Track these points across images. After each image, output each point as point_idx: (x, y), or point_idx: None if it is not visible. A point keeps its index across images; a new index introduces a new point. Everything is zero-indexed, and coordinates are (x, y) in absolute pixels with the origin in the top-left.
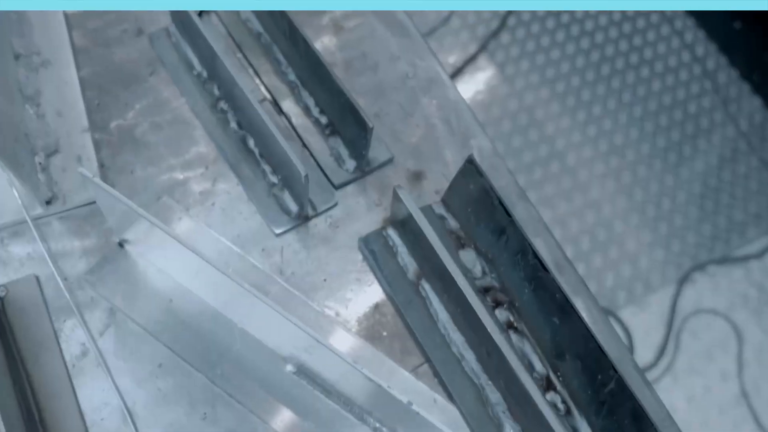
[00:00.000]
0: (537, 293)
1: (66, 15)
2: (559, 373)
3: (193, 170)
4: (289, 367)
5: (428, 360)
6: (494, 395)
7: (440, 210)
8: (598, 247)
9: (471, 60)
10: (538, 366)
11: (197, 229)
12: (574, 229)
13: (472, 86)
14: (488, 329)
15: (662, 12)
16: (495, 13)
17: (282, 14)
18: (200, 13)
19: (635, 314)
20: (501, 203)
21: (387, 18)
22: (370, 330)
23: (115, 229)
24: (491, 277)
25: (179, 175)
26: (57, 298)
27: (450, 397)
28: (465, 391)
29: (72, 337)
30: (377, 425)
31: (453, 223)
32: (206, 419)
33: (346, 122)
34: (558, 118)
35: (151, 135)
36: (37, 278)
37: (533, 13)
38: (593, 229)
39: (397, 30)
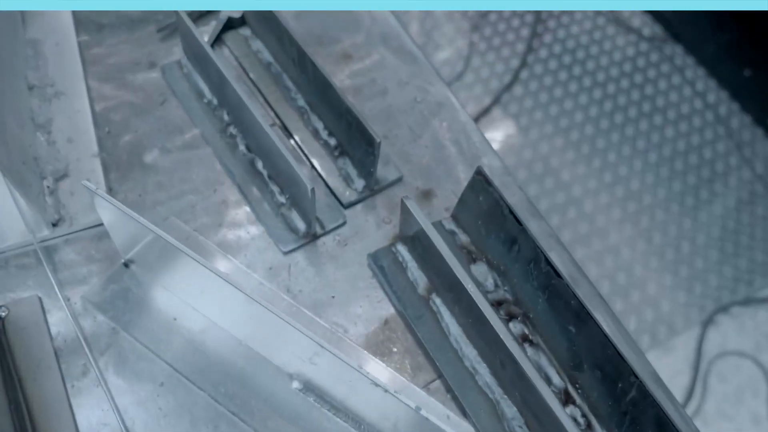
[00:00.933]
0: (551, 302)
1: (81, 50)
2: (577, 385)
3: (201, 193)
4: (296, 384)
5: (440, 376)
6: (510, 410)
7: (450, 225)
8: (619, 292)
9: (485, 112)
10: (556, 379)
11: (203, 247)
12: (594, 274)
13: (487, 137)
14: (503, 339)
15: (672, 62)
16: (507, 67)
17: (291, 41)
18: (212, 44)
19: (660, 358)
20: (511, 212)
21: (396, 47)
22: (380, 346)
23: (120, 249)
24: (504, 290)
25: (187, 198)
26: (60, 318)
27: (464, 413)
28: (479, 406)
29: (73, 357)
30: None
31: (463, 238)
32: None
33: (353, 141)
34: (573, 165)
35: (160, 160)
36: (40, 299)
37: (545, 66)
38: (613, 274)
39: (406, 58)
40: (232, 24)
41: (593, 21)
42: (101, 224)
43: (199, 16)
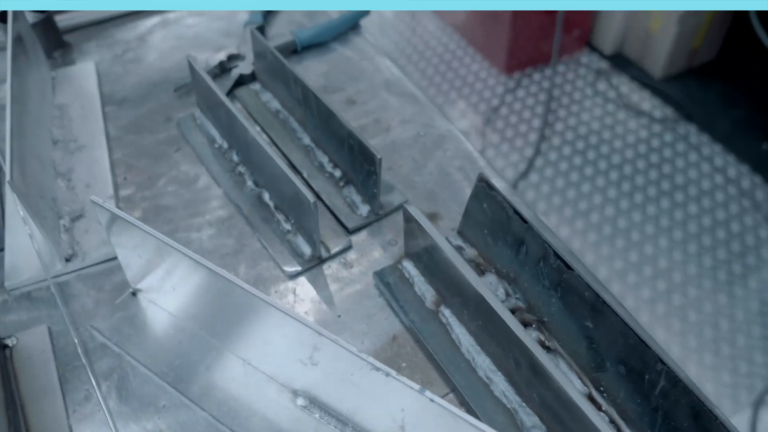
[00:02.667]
0: (565, 300)
1: (104, 110)
2: (602, 388)
3: (210, 227)
4: (300, 401)
5: (454, 389)
6: (530, 418)
7: (457, 241)
8: None
9: None
10: (578, 384)
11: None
12: None
13: None
14: (514, 331)
15: (687, 141)
16: (522, 156)
17: (296, 81)
18: (228, 93)
19: None
20: (516, 212)
21: (398, 92)
22: (389, 362)
23: (129, 276)
24: (516, 298)
25: (195, 233)
26: (67, 347)
27: None
28: (496, 416)
29: (78, 383)
30: None
31: (471, 252)
32: None
33: (356, 165)
34: (596, 247)
35: (171, 199)
36: (50, 329)
37: (559, 152)
38: None
39: (408, 99)
40: (243, 80)
41: (603, 107)
42: (113, 258)
43: (215, 76)
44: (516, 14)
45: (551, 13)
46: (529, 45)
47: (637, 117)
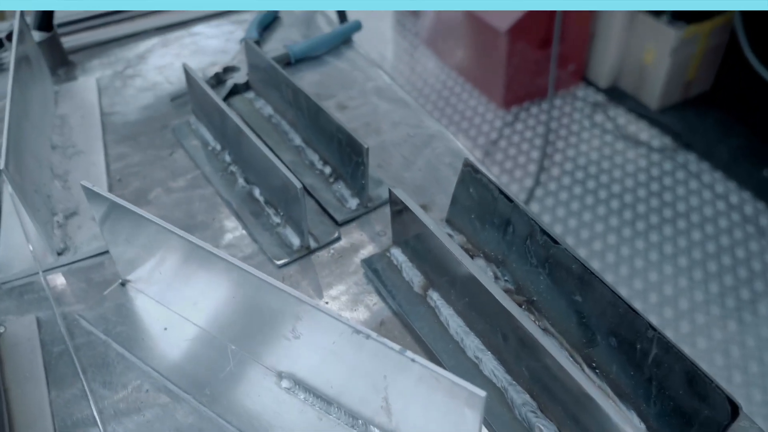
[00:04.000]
0: (553, 275)
1: (102, 120)
2: (594, 365)
3: (202, 224)
4: (285, 383)
5: None
6: (520, 396)
7: (446, 230)
8: None
9: None
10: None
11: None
12: None
13: None
14: (501, 302)
15: (687, 169)
16: (522, 186)
17: (287, 84)
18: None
19: None
20: (502, 192)
21: (389, 98)
22: None
23: (119, 265)
24: (504, 280)
25: (186, 230)
26: (54, 335)
27: None
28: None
29: (63, 369)
30: None
31: (459, 239)
32: None
33: (345, 158)
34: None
35: (164, 197)
36: (38, 319)
37: (559, 183)
38: None
39: (399, 104)
40: (237, 90)
41: (601, 138)
42: (104, 252)
43: (211, 87)
44: (511, 50)
45: (546, 49)
46: (525, 80)
47: (635, 147)
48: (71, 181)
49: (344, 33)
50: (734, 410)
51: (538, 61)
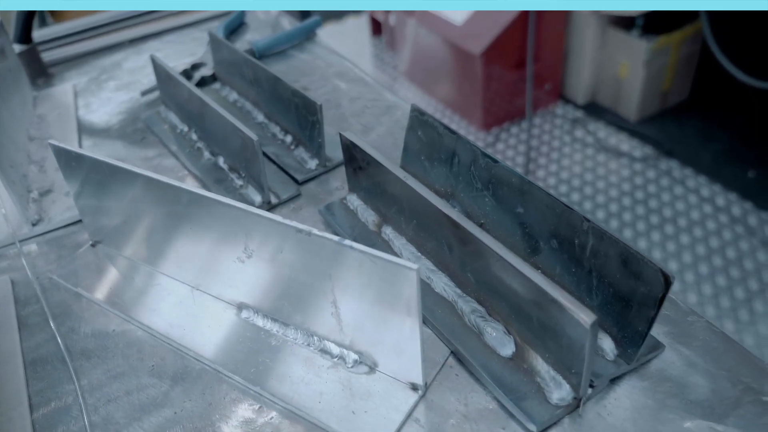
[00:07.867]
0: (497, 194)
1: (78, 116)
2: (540, 270)
3: None
4: (244, 314)
5: None
6: (469, 304)
7: None
8: None
9: None
10: None
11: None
12: None
13: None
14: (443, 210)
15: (671, 176)
16: None
17: (247, 64)
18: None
19: None
20: (446, 128)
21: (349, 79)
22: None
23: (88, 228)
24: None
25: None
26: (28, 294)
27: (424, 320)
28: (437, 308)
29: (36, 321)
30: (340, 351)
31: None
32: (154, 370)
33: (302, 121)
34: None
35: None
36: (12, 280)
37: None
38: None
39: (358, 84)
40: (205, 82)
41: (582, 152)
42: (77, 222)
43: None
44: (487, 73)
45: (521, 69)
46: (503, 101)
47: (617, 158)
48: (47, 167)
49: (306, 28)
50: (666, 280)
51: (515, 82)
